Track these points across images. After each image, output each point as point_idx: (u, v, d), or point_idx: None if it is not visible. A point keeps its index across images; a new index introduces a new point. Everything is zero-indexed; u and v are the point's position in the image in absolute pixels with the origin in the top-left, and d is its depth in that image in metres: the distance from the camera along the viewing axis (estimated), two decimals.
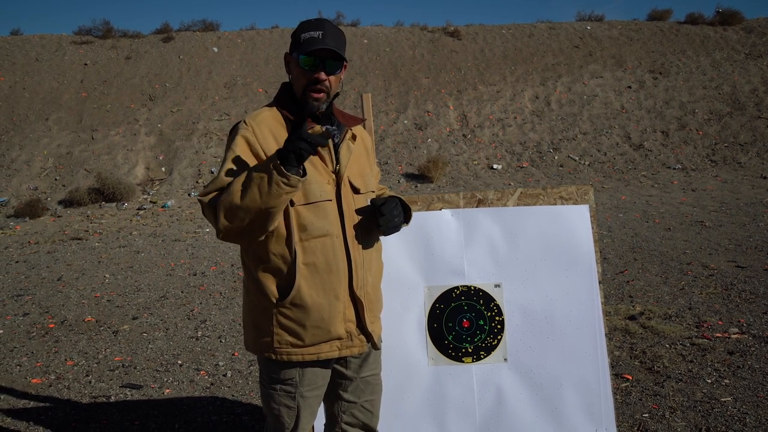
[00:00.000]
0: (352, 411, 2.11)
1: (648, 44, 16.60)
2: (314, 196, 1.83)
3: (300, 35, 1.87)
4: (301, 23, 1.91)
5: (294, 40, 1.89)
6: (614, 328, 4.41)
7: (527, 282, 2.52)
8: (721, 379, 3.57)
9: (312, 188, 1.83)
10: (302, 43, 1.85)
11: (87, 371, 4.11)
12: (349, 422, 2.14)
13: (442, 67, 15.59)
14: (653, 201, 9.78)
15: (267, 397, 1.97)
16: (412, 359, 2.47)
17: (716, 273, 5.69)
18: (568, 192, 2.61)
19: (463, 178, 11.99)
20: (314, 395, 1.98)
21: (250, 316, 1.94)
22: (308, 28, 1.88)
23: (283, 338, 1.86)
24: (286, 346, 1.87)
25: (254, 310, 1.91)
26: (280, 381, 1.92)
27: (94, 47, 15.62)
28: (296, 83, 1.90)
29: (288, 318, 1.85)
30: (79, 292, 5.99)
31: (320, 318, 1.86)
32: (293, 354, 1.88)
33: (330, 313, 1.88)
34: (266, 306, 1.87)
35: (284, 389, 1.93)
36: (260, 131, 1.84)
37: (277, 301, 1.85)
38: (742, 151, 12.73)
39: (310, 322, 1.86)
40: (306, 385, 1.94)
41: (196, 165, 12.14)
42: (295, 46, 1.89)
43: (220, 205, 1.71)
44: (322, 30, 1.86)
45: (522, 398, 2.46)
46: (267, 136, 1.84)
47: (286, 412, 1.95)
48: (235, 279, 6.24)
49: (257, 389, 3.73)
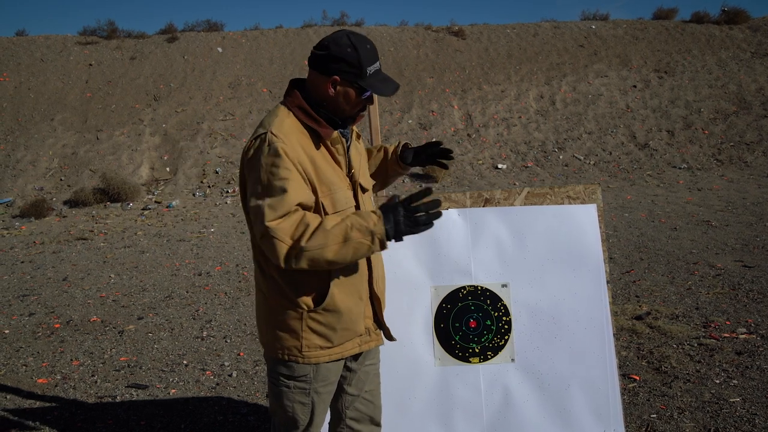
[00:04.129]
0: (355, 405, 2.12)
1: (653, 43, 16.54)
2: (341, 205, 1.85)
3: (362, 65, 1.78)
4: (358, 46, 1.79)
5: (349, 63, 1.78)
6: (621, 329, 4.38)
7: (534, 282, 2.51)
8: (729, 380, 3.54)
9: (338, 197, 1.84)
10: (369, 76, 1.81)
11: (93, 371, 4.11)
12: (354, 417, 2.14)
13: (447, 67, 15.57)
14: (659, 200, 9.74)
15: (279, 396, 1.95)
16: (418, 359, 2.46)
17: (723, 273, 5.66)
18: (575, 191, 2.59)
19: (467, 177, 11.97)
20: (327, 390, 1.99)
21: (270, 321, 1.91)
22: (369, 56, 1.80)
23: (312, 342, 1.87)
24: (315, 349, 1.88)
25: (277, 314, 1.88)
26: (294, 378, 1.92)
27: (99, 48, 15.66)
28: (342, 105, 1.85)
29: (319, 323, 1.86)
30: (85, 292, 6.00)
31: (350, 320, 1.90)
32: (321, 356, 1.90)
33: (357, 314, 1.93)
34: (294, 312, 1.86)
35: (298, 386, 1.92)
36: (290, 143, 1.77)
37: (309, 309, 1.85)
38: (749, 151, 12.67)
39: (341, 325, 1.89)
40: (320, 381, 1.94)
41: (201, 165, 12.15)
42: (356, 75, 1.79)
43: (305, 255, 1.69)
44: (378, 59, 1.84)
45: (529, 399, 2.44)
46: (297, 148, 1.78)
47: (301, 409, 1.95)
48: (240, 279, 6.23)
49: (263, 389, 3.72)
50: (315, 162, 1.80)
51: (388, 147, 2.29)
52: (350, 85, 1.81)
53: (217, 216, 9.97)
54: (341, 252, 1.71)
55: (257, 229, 1.73)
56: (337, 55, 1.77)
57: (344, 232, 1.71)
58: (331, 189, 1.82)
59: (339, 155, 1.89)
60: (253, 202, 1.73)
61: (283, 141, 1.74)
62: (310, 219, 1.72)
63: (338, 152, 1.89)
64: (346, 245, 1.71)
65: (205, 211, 10.36)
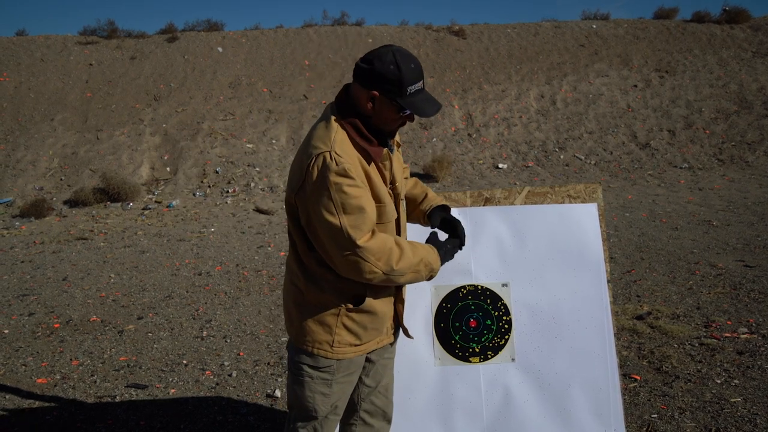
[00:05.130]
0: (371, 398, 2.18)
1: (654, 43, 16.52)
2: (387, 218, 1.95)
3: (403, 83, 1.80)
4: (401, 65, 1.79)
5: (390, 80, 1.80)
6: (622, 328, 4.37)
7: (535, 281, 2.50)
8: (730, 380, 3.53)
9: (386, 210, 1.94)
10: (410, 95, 1.82)
11: (92, 371, 4.10)
12: (368, 410, 2.20)
13: (447, 67, 15.55)
14: (660, 200, 9.72)
15: (300, 385, 2.01)
16: (419, 359, 2.45)
17: (724, 272, 5.64)
18: (576, 190, 2.58)
19: (468, 177, 11.96)
20: (349, 381, 2.06)
21: (305, 314, 1.98)
22: (411, 76, 1.81)
23: (343, 339, 1.97)
24: (345, 345, 1.98)
25: (314, 309, 1.96)
26: (318, 369, 1.98)
27: (99, 47, 15.65)
28: (381, 119, 1.88)
29: (354, 321, 1.96)
30: (85, 292, 5.99)
31: (380, 321, 2.02)
32: (348, 352, 1.99)
33: (387, 316, 2.06)
34: (333, 309, 1.95)
35: (321, 377, 1.99)
36: (353, 161, 1.82)
37: (347, 308, 1.94)
38: (750, 150, 12.64)
39: (372, 325, 2.01)
40: (342, 371, 2.01)
41: (201, 165, 12.14)
42: (395, 93, 1.81)
43: (391, 276, 1.87)
44: (421, 78, 1.84)
45: (529, 398, 2.43)
46: (357, 166, 1.84)
47: (321, 400, 2.01)
48: (240, 279, 6.23)
49: (263, 389, 3.72)
50: (370, 178, 1.88)
51: (429, 194, 2.31)
52: (389, 102, 1.83)
53: (218, 216, 9.96)
54: (409, 279, 1.93)
55: (340, 247, 1.80)
56: (380, 71, 1.79)
57: (418, 264, 1.92)
58: (381, 203, 1.92)
59: (386, 170, 1.97)
60: (328, 220, 1.78)
61: (347, 160, 1.79)
62: (392, 242, 1.87)
63: (385, 168, 1.97)
64: (415, 275, 1.93)
65: (205, 210, 10.35)
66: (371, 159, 1.89)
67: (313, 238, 1.88)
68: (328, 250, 1.84)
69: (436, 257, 2.00)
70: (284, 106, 14.00)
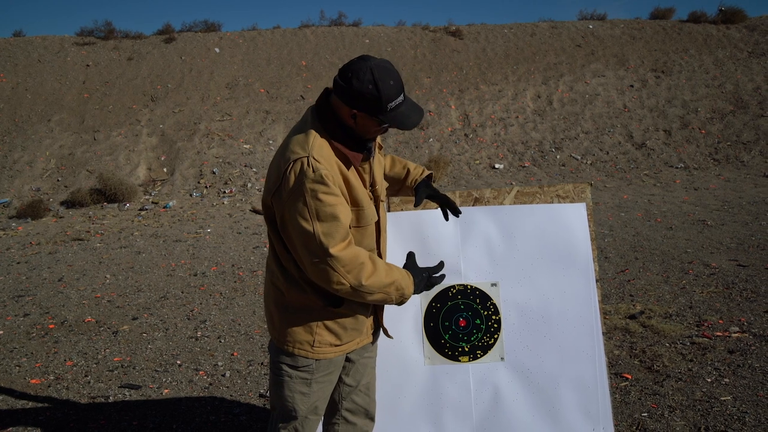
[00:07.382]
0: (352, 396, 2.19)
1: (650, 43, 16.55)
2: (366, 221, 1.95)
3: (382, 101, 1.77)
4: (379, 83, 1.76)
5: (368, 99, 1.77)
6: (614, 327, 4.39)
7: (524, 281, 2.51)
8: (721, 378, 3.55)
9: (365, 213, 1.94)
10: (390, 110, 1.80)
11: (86, 372, 4.11)
12: (349, 408, 2.21)
13: (444, 67, 15.57)
14: (655, 200, 9.75)
15: (280, 386, 2.03)
16: (408, 358, 2.46)
17: (717, 272, 5.66)
18: (564, 190, 2.59)
19: (465, 177, 11.98)
20: (329, 380, 2.08)
21: (286, 315, 1.98)
22: (391, 93, 1.78)
23: (324, 339, 1.98)
24: (326, 345, 1.99)
25: (294, 310, 1.97)
26: (297, 368, 2.00)
27: (96, 48, 15.66)
28: (366, 131, 1.88)
29: (334, 322, 1.98)
30: (80, 293, 6.00)
31: (361, 322, 2.04)
32: (329, 352, 2.00)
33: (367, 317, 2.07)
34: (313, 310, 1.96)
35: (300, 376, 2.01)
36: (331, 167, 1.82)
37: (327, 308, 1.96)
38: (745, 150, 12.68)
39: (353, 325, 2.02)
40: (322, 371, 2.03)
41: (198, 165, 12.15)
42: (375, 110, 1.79)
43: (359, 291, 1.85)
44: (402, 92, 1.82)
45: (519, 397, 2.45)
46: (336, 171, 1.84)
47: (301, 399, 2.02)
48: (236, 279, 6.24)
49: (256, 389, 3.73)
50: (348, 182, 1.87)
51: (410, 168, 2.34)
52: (370, 117, 1.82)
53: (214, 216, 9.97)
54: (378, 298, 1.91)
55: (311, 253, 1.80)
56: (358, 90, 1.76)
57: (389, 285, 1.90)
58: (360, 206, 1.92)
59: (365, 174, 1.97)
60: (302, 226, 1.78)
61: (325, 166, 1.78)
62: (365, 257, 1.85)
63: (365, 171, 1.97)
64: (384, 296, 1.91)
65: (201, 211, 10.36)
66: (351, 164, 1.89)
67: (287, 241, 1.89)
68: (300, 254, 1.85)
69: (410, 283, 1.97)
70: (281, 107, 14.01)
